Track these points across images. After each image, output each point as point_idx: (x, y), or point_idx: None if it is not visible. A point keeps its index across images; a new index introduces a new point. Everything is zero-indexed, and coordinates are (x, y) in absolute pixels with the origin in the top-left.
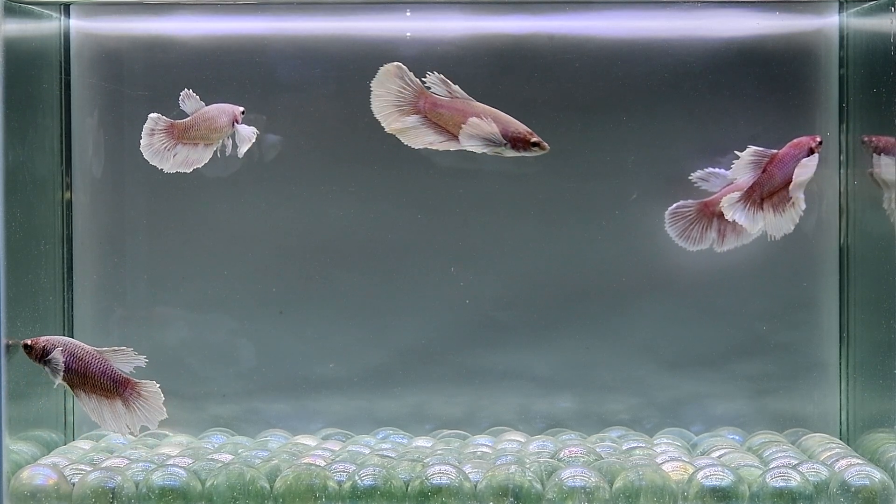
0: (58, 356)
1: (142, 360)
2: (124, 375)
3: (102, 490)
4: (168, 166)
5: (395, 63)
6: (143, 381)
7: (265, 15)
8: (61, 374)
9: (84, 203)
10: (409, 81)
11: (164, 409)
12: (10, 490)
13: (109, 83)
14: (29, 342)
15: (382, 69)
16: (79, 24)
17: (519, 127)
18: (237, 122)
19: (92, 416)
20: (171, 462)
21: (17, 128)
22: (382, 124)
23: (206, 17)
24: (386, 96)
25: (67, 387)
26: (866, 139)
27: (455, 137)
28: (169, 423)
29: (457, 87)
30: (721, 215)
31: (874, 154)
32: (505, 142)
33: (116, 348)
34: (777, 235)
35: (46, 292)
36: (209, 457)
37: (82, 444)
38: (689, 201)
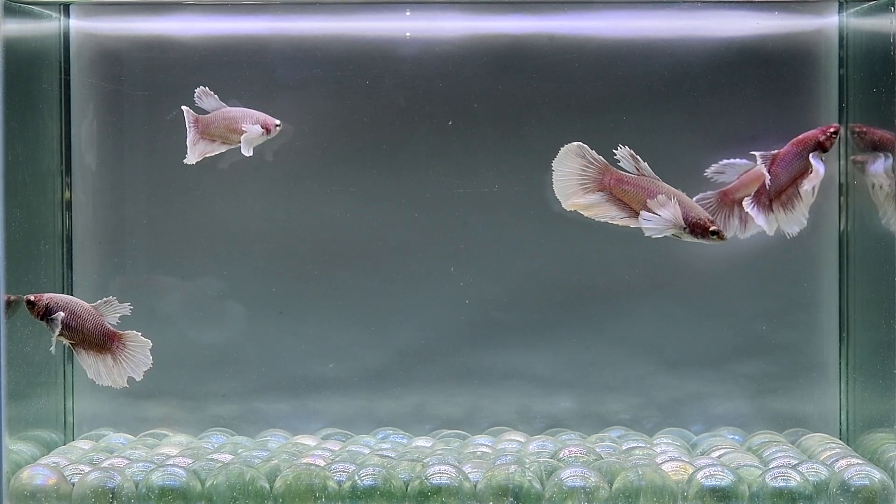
0: (58, 319)
1: (126, 308)
2: (112, 329)
3: (102, 490)
4: (192, 160)
5: (577, 143)
6: (127, 332)
7: (265, 15)
8: (57, 332)
9: (84, 203)
10: (592, 159)
11: (150, 357)
12: (10, 490)
13: (109, 83)
14: (32, 298)
15: (564, 149)
16: (78, 24)
17: (700, 213)
18: (268, 132)
19: (89, 374)
20: (170, 462)
21: (17, 128)
22: (561, 201)
23: (206, 17)
24: (570, 176)
25: (68, 342)
26: (858, 129)
27: (636, 215)
28: (169, 423)
29: (645, 164)
30: (741, 202)
31: (869, 148)
32: (685, 226)
33: (105, 299)
34: (793, 232)
35: (46, 292)
36: (209, 457)
37: (82, 444)
38: (709, 192)
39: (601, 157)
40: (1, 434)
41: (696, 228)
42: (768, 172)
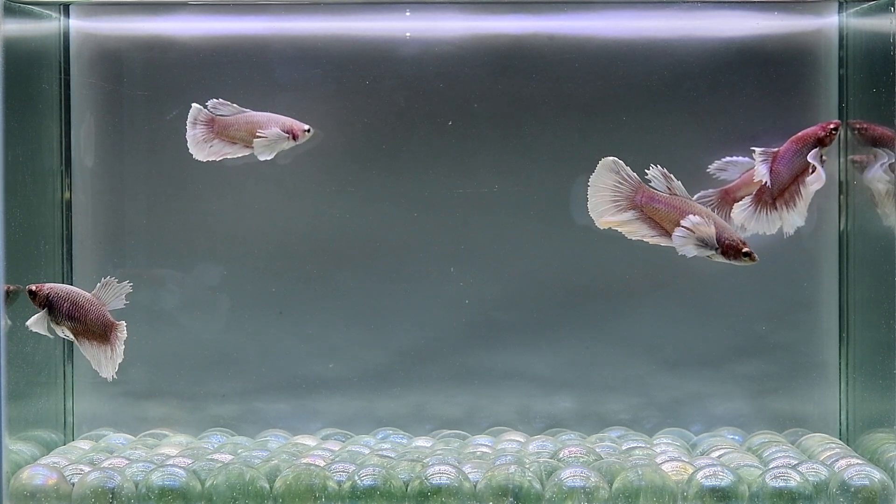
0: (41, 318)
1: (127, 286)
2: (112, 319)
3: (102, 490)
4: (203, 156)
5: (612, 158)
6: (118, 322)
7: (265, 15)
8: (59, 324)
9: (84, 203)
10: (626, 176)
11: (122, 350)
12: (10, 490)
13: (109, 83)
14: (33, 288)
15: (600, 164)
16: (78, 24)
17: (733, 235)
18: (295, 138)
19: (93, 364)
20: (170, 462)
21: (17, 127)
22: (593, 217)
23: (206, 17)
24: (603, 191)
25: (70, 334)
26: (858, 126)
27: (668, 233)
28: (169, 423)
29: (678, 183)
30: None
31: (869, 144)
32: (717, 246)
33: (103, 281)
34: (790, 231)
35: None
36: (209, 457)
37: (82, 444)
38: (710, 191)
39: (635, 174)
40: (1, 434)
41: (729, 250)
42: (770, 171)
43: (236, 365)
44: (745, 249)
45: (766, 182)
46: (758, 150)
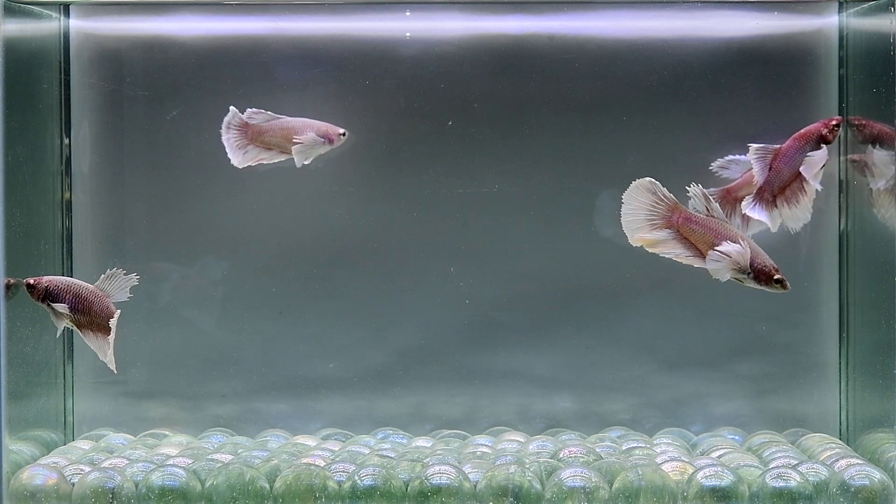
0: (62, 307)
1: (134, 279)
2: (114, 310)
3: (102, 490)
4: (238, 161)
5: (648, 178)
6: (118, 310)
7: (265, 15)
8: (64, 317)
9: (84, 203)
10: (662, 196)
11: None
12: (10, 490)
13: (109, 83)
14: (31, 281)
15: (635, 183)
16: (78, 24)
17: (766, 260)
18: (331, 142)
19: (100, 356)
20: (170, 462)
21: (17, 128)
22: (627, 235)
23: (206, 17)
24: (639, 210)
25: (75, 327)
26: (857, 122)
27: (702, 254)
28: (169, 423)
29: (715, 206)
30: (744, 200)
31: (868, 142)
32: (750, 271)
33: (109, 272)
34: (796, 227)
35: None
36: (209, 457)
37: (82, 444)
38: (712, 189)
39: (671, 194)
40: (1, 434)
41: (761, 275)
42: (772, 168)
43: (236, 365)
44: (776, 276)
45: (758, 181)
46: (754, 146)
